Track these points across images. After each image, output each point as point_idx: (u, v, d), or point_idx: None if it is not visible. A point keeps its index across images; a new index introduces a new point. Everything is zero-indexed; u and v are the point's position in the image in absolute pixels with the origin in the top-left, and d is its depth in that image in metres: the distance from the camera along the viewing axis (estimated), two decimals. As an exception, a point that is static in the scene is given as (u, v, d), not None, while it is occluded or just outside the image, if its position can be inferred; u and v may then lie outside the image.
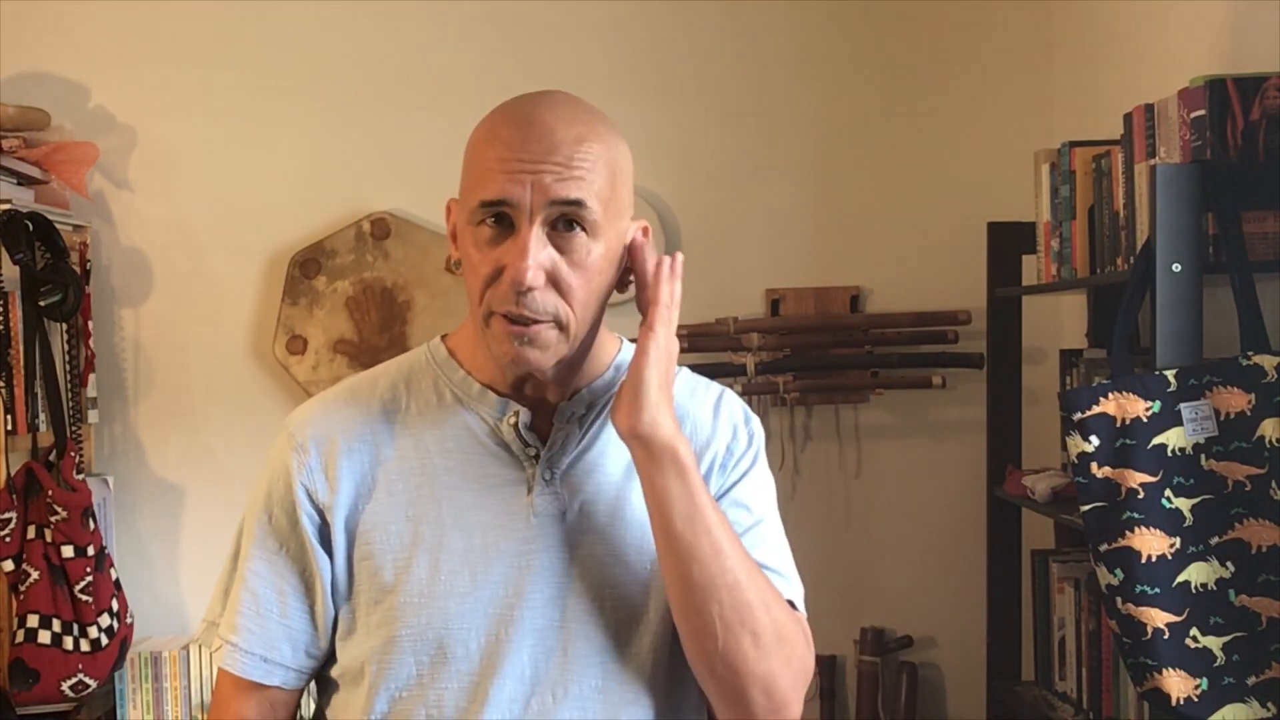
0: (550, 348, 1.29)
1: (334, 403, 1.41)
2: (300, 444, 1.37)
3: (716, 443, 1.42)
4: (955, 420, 3.25)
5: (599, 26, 3.20)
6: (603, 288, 1.33)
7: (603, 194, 1.29)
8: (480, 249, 1.29)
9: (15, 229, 2.66)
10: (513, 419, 1.36)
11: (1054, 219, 2.59)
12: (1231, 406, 1.90)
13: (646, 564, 1.36)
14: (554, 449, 1.36)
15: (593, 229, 1.29)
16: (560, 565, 1.34)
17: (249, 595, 1.37)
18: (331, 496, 1.35)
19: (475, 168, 1.30)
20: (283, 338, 3.13)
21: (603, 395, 1.39)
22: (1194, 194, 1.95)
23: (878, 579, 3.26)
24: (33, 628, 2.60)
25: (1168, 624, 1.87)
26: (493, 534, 1.34)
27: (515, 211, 1.27)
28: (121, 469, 3.13)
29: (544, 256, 1.27)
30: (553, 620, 1.33)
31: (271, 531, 1.37)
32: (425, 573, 1.32)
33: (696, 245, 3.22)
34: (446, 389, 1.39)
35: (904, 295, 3.24)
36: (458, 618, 1.32)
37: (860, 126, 3.24)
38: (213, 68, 3.14)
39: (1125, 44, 2.85)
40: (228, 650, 1.37)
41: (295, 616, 1.37)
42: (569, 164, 1.27)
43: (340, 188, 3.17)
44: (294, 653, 1.38)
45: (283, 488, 1.37)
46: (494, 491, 1.35)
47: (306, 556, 1.36)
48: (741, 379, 3.13)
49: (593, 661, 1.33)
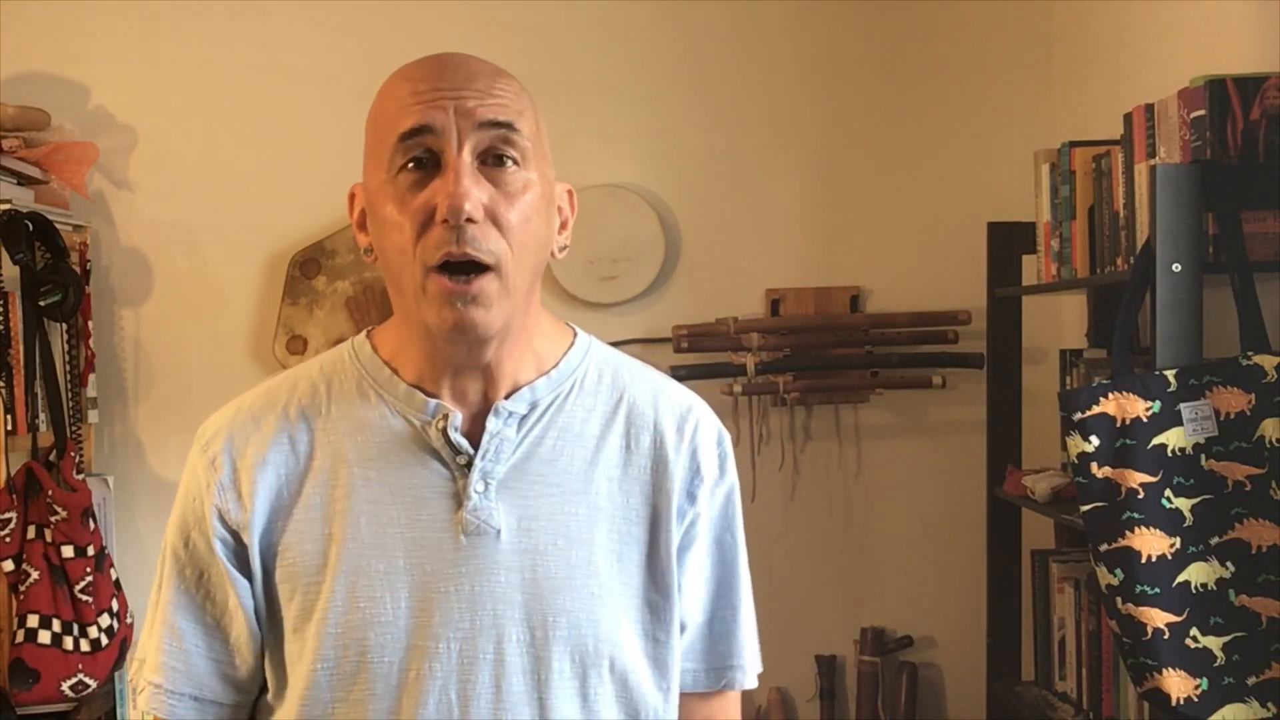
0: (493, 304, 1.15)
1: (248, 410, 1.26)
2: (212, 459, 1.24)
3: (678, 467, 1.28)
4: (955, 420, 3.25)
5: (599, 27, 3.20)
6: (540, 237, 1.20)
7: (530, 127, 1.19)
8: (402, 201, 1.16)
9: (15, 229, 2.66)
10: (440, 421, 1.21)
11: (1054, 219, 2.59)
12: (1231, 406, 1.90)
13: (597, 587, 1.22)
14: (487, 456, 1.21)
15: (525, 159, 1.17)
16: (494, 591, 1.19)
17: (169, 631, 1.24)
18: (245, 515, 1.21)
19: (385, 116, 1.19)
20: (283, 338, 3.13)
21: (548, 393, 1.25)
22: (1194, 194, 1.95)
23: (878, 579, 3.26)
24: (33, 628, 2.60)
25: (1168, 624, 1.87)
26: (416, 554, 1.19)
27: (440, 140, 1.15)
28: (121, 469, 3.13)
29: (480, 189, 1.14)
30: (485, 652, 1.19)
31: (190, 559, 1.24)
32: (342, 599, 1.19)
33: (696, 245, 3.22)
34: (370, 389, 1.24)
35: (904, 295, 3.24)
36: (377, 649, 1.18)
37: (860, 126, 3.24)
38: (213, 68, 3.14)
39: (1125, 44, 2.85)
40: (152, 693, 1.24)
41: (221, 649, 1.24)
42: (490, 90, 1.17)
43: (340, 188, 3.11)
44: (224, 688, 1.25)
45: (198, 509, 1.24)
46: (420, 506, 1.20)
47: (226, 584, 1.22)
48: (741, 379, 3.13)
49: (530, 699, 1.19)
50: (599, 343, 1.33)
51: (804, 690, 3.22)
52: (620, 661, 1.23)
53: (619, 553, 1.24)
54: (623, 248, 3.15)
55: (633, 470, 1.26)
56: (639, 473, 1.26)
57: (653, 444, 1.27)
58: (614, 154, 3.14)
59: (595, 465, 1.25)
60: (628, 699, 1.24)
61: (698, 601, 1.31)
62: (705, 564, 1.31)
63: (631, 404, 1.28)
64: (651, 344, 3.15)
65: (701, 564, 1.30)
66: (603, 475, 1.25)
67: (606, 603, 1.22)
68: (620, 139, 3.17)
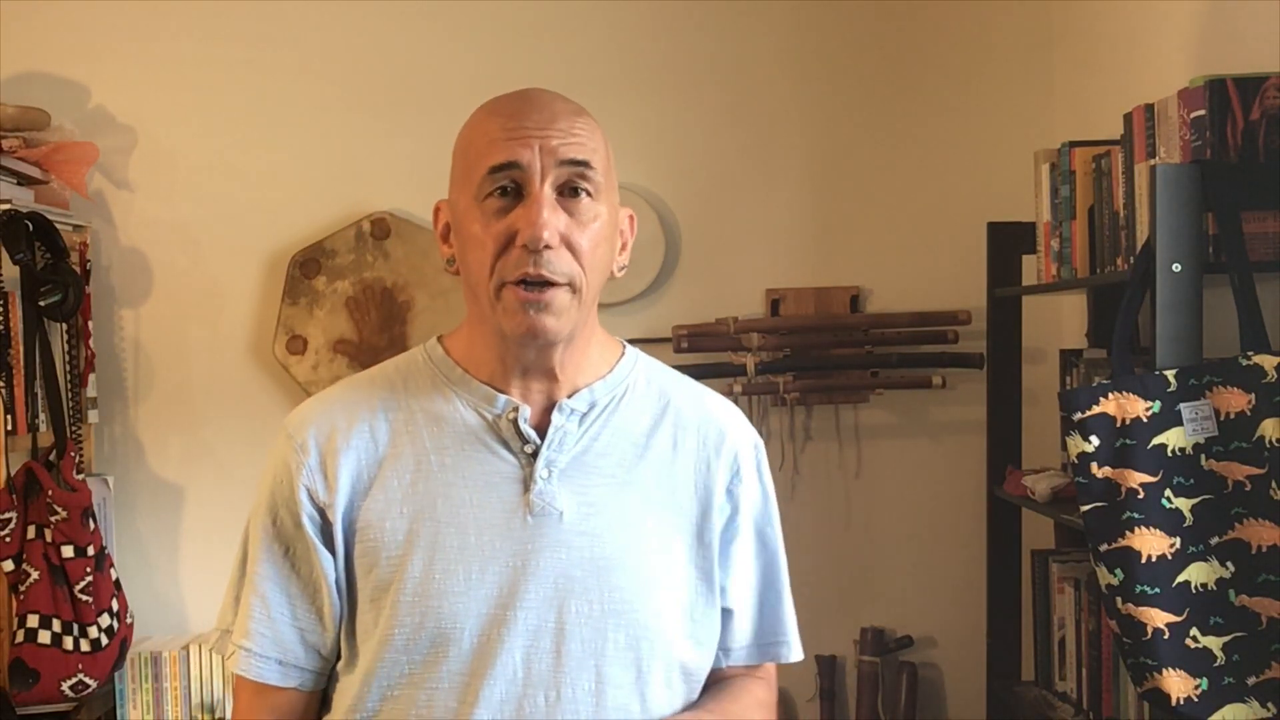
0: (565, 313, 1.31)
1: (331, 401, 1.41)
2: (300, 444, 1.36)
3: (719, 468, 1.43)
4: (955, 420, 3.25)
5: (599, 27, 3.20)
6: (605, 259, 1.35)
7: (602, 164, 1.34)
8: (487, 223, 1.31)
9: (15, 229, 2.66)
10: (511, 414, 1.35)
11: (1054, 219, 2.59)
12: (1231, 406, 1.90)
13: (647, 568, 1.36)
14: (552, 446, 1.35)
15: (597, 193, 1.33)
16: (557, 566, 1.33)
17: (259, 600, 1.37)
18: (331, 495, 1.34)
19: (475, 147, 1.33)
20: (283, 338, 3.13)
21: (605, 395, 1.39)
22: (1194, 194, 1.95)
23: (878, 579, 3.27)
24: (33, 628, 2.60)
25: (1168, 624, 1.87)
26: (488, 532, 1.33)
27: (525, 175, 1.30)
28: (121, 469, 3.13)
29: (557, 218, 1.29)
30: (547, 622, 1.32)
31: (277, 534, 1.37)
32: (420, 571, 1.32)
33: (696, 245, 3.22)
34: (445, 386, 1.38)
35: (904, 295, 3.24)
36: (451, 617, 1.31)
37: (860, 126, 3.25)
38: (213, 68, 3.15)
39: (1125, 44, 2.85)
40: (241, 656, 1.37)
41: (306, 618, 1.37)
42: (570, 131, 1.32)
43: (340, 188, 3.17)
44: (307, 654, 1.37)
45: (286, 489, 1.36)
46: (491, 489, 1.34)
47: (313, 556, 1.35)
48: (741, 379, 3.13)
49: (586, 665, 1.32)
50: (644, 354, 1.48)
51: (804, 690, 3.23)
52: (666, 635, 1.36)
53: (665, 540, 1.38)
54: (623, 248, 3.14)
55: (677, 468, 1.41)
56: (683, 471, 1.41)
57: (697, 445, 1.42)
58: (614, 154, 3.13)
59: (644, 460, 1.39)
60: (671, 668, 1.37)
61: (748, 588, 1.46)
62: (750, 555, 1.46)
63: (677, 409, 1.43)
64: (651, 344, 3.14)
65: (747, 555, 1.46)
66: (650, 470, 1.39)
67: (655, 582, 1.36)
68: (620, 139, 3.12)
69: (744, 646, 1.47)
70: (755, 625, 1.48)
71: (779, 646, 1.49)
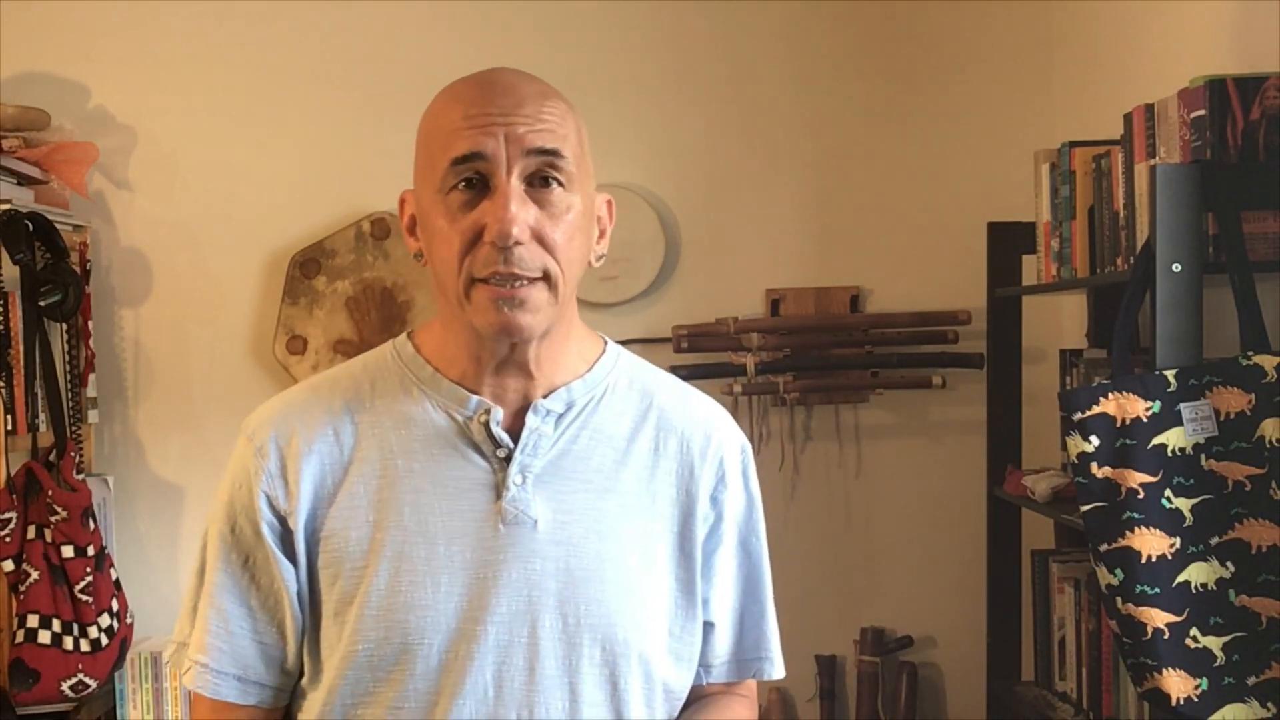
0: (540, 309, 1.22)
1: (293, 402, 1.32)
2: (259, 448, 1.29)
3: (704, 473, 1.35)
4: (955, 420, 3.25)
5: (598, 27, 3.20)
6: (582, 250, 1.26)
7: (574, 150, 1.24)
8: (453, 218, 1.22)
9: (15, 229, 2.66)
10: (483, 416, 1.27)
11: (1054, 219, 2.59)
12: (1231, 406, 1.90)
13: (626, 580, 1.28)
14: (526, 450, 1.27)
15: (569, 182, 1.23)
16: (530, 578, 1.25)
17: (216, 613, 1.28)
18: (292, 502, 1.26)
19: (436, 138, 1.24)
20: (283, 338, 3.13)
21: (583, 395, 1.31)
22: (1194, 194, 1.95)
23: (878, 579, 3.27)
24: (33, 628, 2.60)
25: (1168, 624, 1.87)
26: (458, 542, 1.25)
27: (490, 165, 1.20)
28: (121, 469, 3.13)
29: (526, 211, 1.20)
30: (519, 637, 1.24)
31: (236, 543, 1.29)
32: (385, 583, 1.24)
33: (696, 245, 3.22)
34: (414, 386, 1.30)
35: (904, 295, 3.24)
36: (418, 631, 1.23)
37: (860, 126, 3.25)
38: (213, 68, 3.14)
39: (1125, 44, 2.85)
40: (198, 671, 1.28)
41: (267, 631, 1.29)
42: (538, 116, 1.22)
43: (340, 188, 3.17)
44: (268, 670, 1.29)
45: (245, 495, 1.28)
46: (461, 496, 1.26)
47: (273, 567, 1.27)
48: (741, 379, 3.13)
49: (561, 683, 1.25)
50: (626, 351, 1.39)
51: (804, 690, 3.22)
52: (645, 651, 1.29)
53: (646, 549, 1.31)
54: (623, 248, 3.14)
55: (660, 472, 1.33)
56: (666, 475, 1.33)
57: (680, 449, 1.34)
58: (614, 154, 3.14)
59: (625, 465, 1.31)
60: (651, 687, 1.30)
61: (728, 600, 1.38)
62: (733, 566, 1.38)
63: (660, 410, 1.35)
64: (651, 344, 3.15)
65: (730, 566, 1.38)
66: (631, 475, 1.31)
67: (634, 595, 1.28)
68: (620, 139, 3.17)
69: (725, 662, 1.39)
70: (737, 640, 1.40)
71: (761, 662, 1.41)
